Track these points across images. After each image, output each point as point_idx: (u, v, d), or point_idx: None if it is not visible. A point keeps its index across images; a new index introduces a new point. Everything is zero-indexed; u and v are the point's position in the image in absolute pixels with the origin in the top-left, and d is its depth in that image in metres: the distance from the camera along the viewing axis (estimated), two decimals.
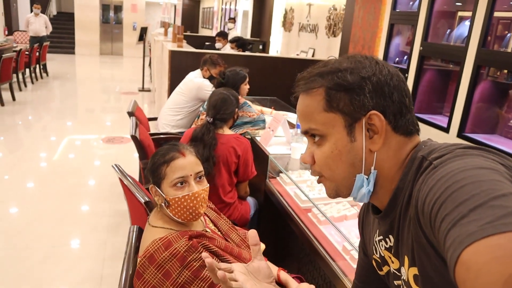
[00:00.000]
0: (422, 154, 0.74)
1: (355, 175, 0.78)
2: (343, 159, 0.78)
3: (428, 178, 0.66)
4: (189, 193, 1.35)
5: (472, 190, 0.56)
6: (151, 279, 1.20)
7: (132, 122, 2.93)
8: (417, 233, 0.70)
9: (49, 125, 6.29)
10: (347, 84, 0.75)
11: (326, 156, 0.79)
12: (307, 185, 2.27)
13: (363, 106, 0.75)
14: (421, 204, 0.65)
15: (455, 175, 0.60)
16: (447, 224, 0.56)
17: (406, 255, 0.77)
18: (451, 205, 0.57)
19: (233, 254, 1.40)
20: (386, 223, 0.83)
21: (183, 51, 4.65)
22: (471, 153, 0.66)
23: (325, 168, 0.80)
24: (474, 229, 0.51)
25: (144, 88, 9.13)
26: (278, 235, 2.56)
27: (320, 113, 0.78)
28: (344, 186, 0.80)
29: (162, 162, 1.36)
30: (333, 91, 0.76)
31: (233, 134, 2.42)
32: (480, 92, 3.30)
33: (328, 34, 6.39)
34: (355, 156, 0.77)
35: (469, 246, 0.50)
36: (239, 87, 3.18)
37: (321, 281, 2.04)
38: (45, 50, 9.72)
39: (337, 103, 0.76)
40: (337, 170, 0.79)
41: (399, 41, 4.46)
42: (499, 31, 3.29)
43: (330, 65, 0.79)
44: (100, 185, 4.14)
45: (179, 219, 1.36)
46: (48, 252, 2.92)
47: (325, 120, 0.77)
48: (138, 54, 13.33)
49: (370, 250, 0.95)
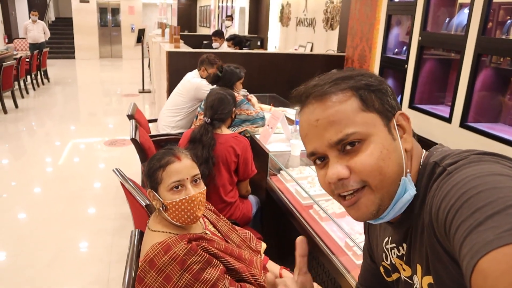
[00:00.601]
0: (434, 160, 0.72)
1: (401, 178, 0.72)
2: (392, 158, 0.72)
3: (443, 185, 0.64)
4: (186, 196, 1.35)
5: (489, 197, 0.55)
6: (152, 283, 1.20)
7: (132, 125, 2.93)
8: (431, 240, 0.69)
9: (52, 130, 6.32)
10: (376, 84, 0.74)
11: (377, 157, 0.70)
12: (308, 181, 2.27)
13: (391, 106, 0.75)
14: (436, 211, 0.64)
15: (471, 181, 0.59)
16: (463, 231, 0.54)
17: (419, 263, 0.76)
18: (467, 211, 0.55)
19: (233, 255, 1.41)
20: (401, 232, 0.80)
21: (180, 51, 4.64)
22: (486, 159, 0.64)
23: (375, 173, 0.71)
24: (492, 237, 0.50)
25: (144, 90, 9.14)
26: (281, 233, 2.56)
27: (358, 113, 0.71)
28: (389, 194, 0.72)
29: (158, 167, 1.36)
30: (364, 92, 0.73)
31: (231, 134, 2.42)
32: (482, 81, 3.26)
33: (325, 28, 6.37)
34: (399, 156, 0.73)
35: (486, 255, 0.49)
36: (234, 83, 3.17)
37: (325, 277, 2.04)
38: (45, 56, 9.75)
39: (372, 103, 0.73)
40: (388, 172, 0.71)
41: (398, 32, 4.43)
42: (501, 16, 3.26)
43: (339, 74, 0.76)
44: (104, 188, 4.16)
45: (178, 223, 1.37)
46: (56, 256, 2.95)
47: (366, 120, 0.71)
48: (137, 55, 13.34)
49: (379, 256, 0.93)
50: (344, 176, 0.71)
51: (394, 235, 0.84)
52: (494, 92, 3.32)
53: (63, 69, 12.47)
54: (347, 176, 0.71)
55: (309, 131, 0.75)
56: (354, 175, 0.71)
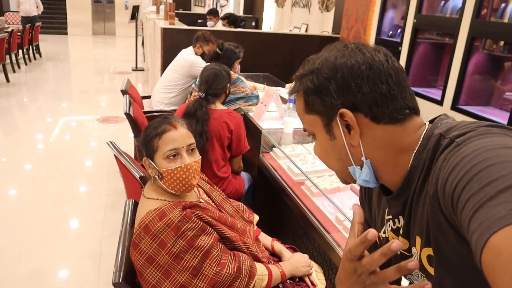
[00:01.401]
0: (439, 131, 0.71)
1: (347, 168, 0.81)
2: (329, 155, 0.82)
3: (451, 157, 0.62)
4: (181, 165, 1.37)
5: (500, 170, 0.52)
6: (146, 248, 1.23)
7: (125, 100, 2.93)
8: (434, 212, 0.68)
9: (44, 106, 6.27)
10: (314, 87, 0.77)
11: (319, 152, 0.85)
12: (300, 158, 2.29)
13: (332, 106, 0.76)
14: (442, 183, 0.62)
15: (481, 154, 0.57)
16: (472, 205, 0.53)
17: (418, 235, 0.76)
18: (477, 185, 0.54)
19: (227, 224, 1.43)
20: (398, 204, 0.80)
21: (175, 28, 4.60)
22: (496, 131, 0.62)
23: (323, 162, 0.86)
24: (504, 212, 0.48)
25: (137, 68, 9.06)
26: (273, 209, 2.59)
27: (304, 115, 0.82)
28: (346, 176, 0.84)
29: (154, 135, 1.37)
30: (306, 95, 0.80)
31: (225, 109, 2.43)
32: (474, 64, 3.29)
33: (321, 9, 6.33)
34: (339, 152, 0.80)
35: (499, 231, 0.47)
36: (233, 63, 3.17)
37: (315, 252, 2.09)
38: (37, 31, 9.59)
39: (312, 105, 0.79)
40: (330, 164, 0.85)
41: (393, 15, 4.42)
42: (495, 3, 3.26)
43: (307, 66, 0.81)
44: (96, 165, 4.16)
45: (173, 191, 1.39)
46: (47, 232, 2.96)
47: (309, 121, 0.82)
48: (130, 33, 13.17)
49: (378, 224, 0.94)
50: (316, 155, 0.88)
51: (391, 207, 0.84)
52: (486, 76, 3.34)
53: (55, 44, 12.27)
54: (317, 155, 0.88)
55: None
56: None
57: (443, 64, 3.85)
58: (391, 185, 0.81)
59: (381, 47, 0.78)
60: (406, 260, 0.59)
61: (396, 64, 0.76)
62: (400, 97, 0.74)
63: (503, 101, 3.26)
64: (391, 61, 0.75)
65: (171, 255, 1.22)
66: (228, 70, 2.53)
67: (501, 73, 3.33)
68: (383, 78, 0.73)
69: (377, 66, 0.73)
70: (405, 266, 0.58)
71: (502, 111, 3.21)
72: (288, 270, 1.52)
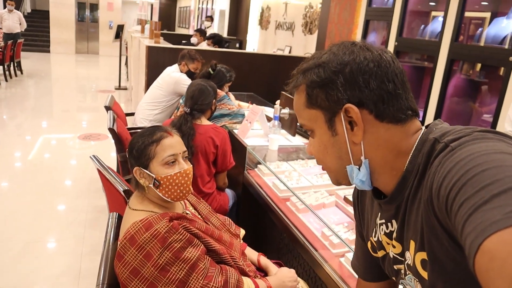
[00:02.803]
0: (434, 136, 0.71)
1: (345, 167, 0.79)
2: (329, 152, 0.79)
3: (446, 161, 0.63)
4: (180, 170, 1.38)
5: (495, 175, 0.53)
6: (132, 260, 1.20)
7: (109, 115, 2.91)
8: (428, 216, 0.68)
9: (24, 124, 6.15)
10: (320, 80, 0.76)
11: (316, 150, 0.82)
12: (285, 175, 2.30)
13: (337, 101, 0.75)
14: (437, 187, 0.62)
15: (476, 158, 0.57)
16: (467, 209, 0.53)
17: (412, 239, 0.76)
18: (471, 189, 0.54)
19: (214, 236, 1.41)
20: (391, 208, 0.80)
21: (160, 46, 4.62)
22: (491, 137, 0.63)
23: (319, 161, 0.83)
24: (498, 216, 0.48)
25: (120, 87, 9.02)
26: (257, 226, 2.57)
27: (304, 109, 0.80)
28: (341, 176, 0.82)
29: (150, 142, 1.36)
30: (310, 88, 0.77)
31: (211, 125, 2.42)
32: (453, 87, 3.39)
33: (304, 32, 6.46)
34: (340, 149, 0.78)
35: (493, 235, 0.47)
36: (223, 84, 3.20)
37: (301, 269, 2.07)
38: (19, 48, 9.49)
39: (315, 100, 0.77)
40: (327, 163, 0.82)
41: (375, 38, 4.55)
42: (472, 30, 3.40)
43: (311, 60, 0.79)
44: (77, 182, 4.07)
45: (169, 198, 1.37)
46: (24, 248, 2.86)
47: (309, 116, 0.79)
48: (114, 53, 13.15)
49: (369, 232, 0.94)
50: (310, 154, 0.86)
51: (384, 211, 0.84)
52: (464, 98, 3.45)
53: (37, 62, 12.15)
54: (312, 155, 0.85)
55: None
56: None
57: (424, 86, 3.96)
58: (385, 188, 0.80)
59: (386, 48, 0.79)
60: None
61: (401, 65, 0.77)
62: (404, 97, 0.75)
63: (481, 122, 3.35)
64: (397, 62, 0.77)
65: (157, 267, 1.19)
66: (214, 86, 2.54)
67: (479, 97, 3.44)
68: (390, 76, 0.74)
69: (385, 64, 0.74)
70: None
71: None
72: (275, 285, 1.50)
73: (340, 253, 1.64)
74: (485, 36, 3.19)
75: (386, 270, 0.91)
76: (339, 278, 1.50)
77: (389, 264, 0.88)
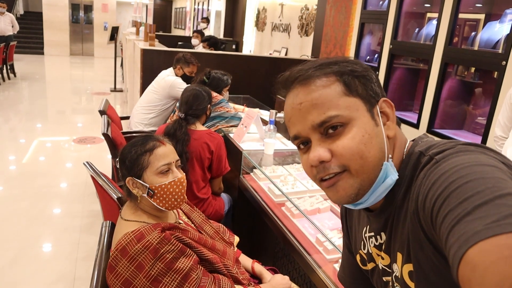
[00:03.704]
0: (419, 149, 0.73)
1: (383, 163, 0.73)
2: (373, 143, 0.72)
3: (430, 173, 0.64)
4: (174, 179, 1.37)
5: (477, 187, 0.54)
6: (123, 271, 1.19)
7: (103, 120, 2.89)
8: (414, 229, 0.69)
9: (17, 127, 6.11)
10: (360, 70, 0.75)
11: (358, 141, 0.71)
12: (281, 180, 2.29)
13: (375, 93, 0.75)
14: (423, 199, 0.64)
15: (459, 171, 0.59)
16: (450, 220, 0.54)
17: (399, 252, 0.76)
18: (455, 200, 0.55)
19: (207, 245, 1.41)
20: (380, 220, 0.80)
21: (155, 49, 4.61)
22: (473, 149, 0.64)
23: (356, 157, 0.71)
24: (480, 227, 0.49)
25: (116, 89, 8.99)
26: (253, 231, 2.57)
27: (341, 97, 0.72)
28: (370, 179, 0.73)
29: (143, 152, 1.35)
30: (348, 77, 0.73)
31: (206, 130, 2.42)
32: (448, 89, 3.40)
33: (300, 34, 6.46)
34: (382, 141, 0.73)
35: (475, 245, 0.48)
36: (221, 90, 3.20)
37: (295, 273, 2.07)
38: (12, 50, 9.44)
39: (355, 88, 0.73)
40: (370, 156, 0.71)
41: (370, 41, 4.55)
42: (466, 32, 3.41)
43: (324, 60, 0.77)
44: (72, 186, 4.05)
45: (163, 207, 1.37)
46: (18, 254, 2.84)
47: (349, 104, 0.72)
48: (109, 54, 13.12)
49: (357, 245, 0.93)
50: (325, 158, 0.72)
51: (373, 223, 0.84)
52: (458, 101, 3.46)
53: (31, 64, 12.09)
54: (328, 159, 0.72)
55: (292, 114, 0.76)
56: (335, 158, 0.72)
57: (419, 88, 3.97)
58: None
59: None
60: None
61: None
62: None
63: (475, 125, 3.37)
64: None
65: (149, 279, 1.18)
66: (209, 91, 2.54)
67: (473, 98, 3.45)
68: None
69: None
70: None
71: (475, 135, 3.31)
72: None
73: (334, 259, 1.64)
74: (479, 39, 3.20)
75: (375, 283, 0.92)
76: (332, 284, 1.50)
77: (378, 276, 0.88)
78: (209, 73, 3.17)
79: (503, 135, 2.27)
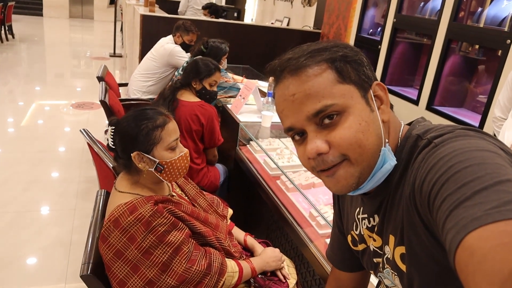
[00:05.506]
0: (417, 133, 0.72)
1: (381, 149, 0.72)
2: (370, 130, 0.71)
3: (429, 157, 0.64)
4: (182, 153, 1.39)
5: (476, 172, 0.54)
6: (115, 242, 1.20)
7: (101, 87, 2.87)
8: (409, 212, 0.69)
9: (16, 89, 6.07)
10: (351, 55, 0.73)
11: (356, 130, 0.69)
12: (277, 153, 2.29)
13: (368, 77, 0.73)
14: (420, 183, 0.63)
15: (459, 155, 0.58)
16: (449, 205, 0.54)
17: (392, 234, 0.76)
18: (453, 185, 0.55)
19: (200, 219, 1.42)
20: (375, 202, 0.80)
21: (155, 16, 4.52)
22: (472, 134, 0.64)
23: (354, 147, 0.70)
24: (479, 213, 0.49)
25: (115, 54, 8.88)
26: (248, 202, 2.60)
27: (334, 86, 0.70)
28: (370, 166, 0.72)
29: (154, 127, 1.32)
30: (340, 63, 0.71)
31: (198, 101, 2.40)
32: (450, 66, 3.36)
33: (303, 3, 6.33)
34: (378, 127, 0.72)
35: (473, 231, 0.48)
36: (221, 58, 3.15)
37: (288, 246, 2.10)
38: (10, 11, 9.25)
39: (348, 75, 0.71)
40: (368, 144, 0.70)
41: (374, 13, 4.46)
42: (473, 6, 3.33)
43: (314, 46, 0.74)
44: (70, 151, 4.07)
45: (168, 181, 1.39)
46: (16, 217, 2.88)
47: (343, 92, 0.70)
48: (109, 18, 12.87)
49: (349, 226, 0.94)
50: (323, 150, 0.70)
51: (366, 206, 0.84)
52: (460, 78, 3.42)
53: (29, 26, 11.88)
54: (326, 151, 0.71)
55: (285, 106, 0.74)
56: (334, 149, 0.70)
57: (420, 64, 3.92)
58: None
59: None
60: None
61: None
62: None
63: (476, 103, 3.35)
64: None
65: (141, 250, 1.20)
66: (217, 65, 2.52)
67: (475, 76, 3.41)
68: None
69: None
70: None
71: (475, 113, 3.29)
72: (259, 266, 1.53)
73: (326, 234, 1.65)
74: (485, 15, 3.14)
75: (365, 264, 0.93)
76: (323, 258, 1.52)
77: (369, 258, 0.89)
78: (207, 43, 3.12)
79: (502, 116, 2.24)
